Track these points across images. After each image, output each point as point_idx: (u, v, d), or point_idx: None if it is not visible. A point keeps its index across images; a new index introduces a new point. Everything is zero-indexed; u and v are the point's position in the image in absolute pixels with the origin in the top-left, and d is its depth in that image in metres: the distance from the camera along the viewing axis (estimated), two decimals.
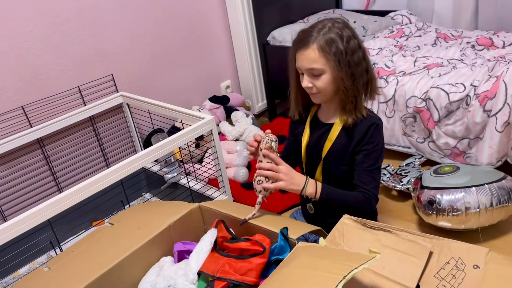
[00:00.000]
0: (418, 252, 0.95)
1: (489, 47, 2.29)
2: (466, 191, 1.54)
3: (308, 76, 1.21)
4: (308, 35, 1.17)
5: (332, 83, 1.19)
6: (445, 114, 1.93)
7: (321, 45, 1.15)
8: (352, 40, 1.17)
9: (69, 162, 2.03)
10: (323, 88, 1.20)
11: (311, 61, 1.17)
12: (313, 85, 1.21)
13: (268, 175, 1.16)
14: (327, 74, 1.18)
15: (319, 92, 1.22)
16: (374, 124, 1.23)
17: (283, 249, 1.01)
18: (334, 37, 1.16)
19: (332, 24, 1.18)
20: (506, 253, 1.53)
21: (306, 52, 1.17)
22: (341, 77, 1.17)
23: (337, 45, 1.15)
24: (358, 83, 1.19)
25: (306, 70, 1.20)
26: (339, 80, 1.18)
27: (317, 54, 1.15)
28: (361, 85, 1.21)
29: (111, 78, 2.12)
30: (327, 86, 1.20)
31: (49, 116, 1.92)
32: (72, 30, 1.95)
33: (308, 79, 1.21)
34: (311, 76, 1.20)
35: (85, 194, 1.39)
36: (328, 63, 1.16)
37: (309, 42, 1.16)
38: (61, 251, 1.26)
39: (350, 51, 1.16)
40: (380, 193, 2.02)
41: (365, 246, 0.99)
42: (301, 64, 1.20)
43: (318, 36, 1.16)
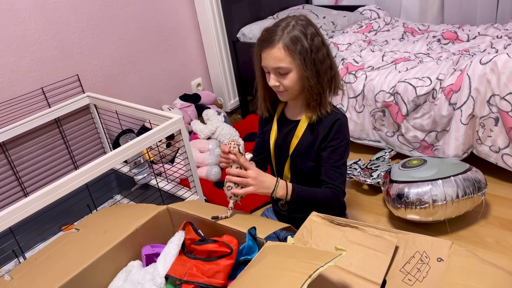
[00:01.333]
0: (384, 247, 0.96)
1: (454, 41, 2.34)
2: (433, 184, 1.57)
3: (274, 75, 1.20)
4: (272, 34, 1.17)
5: (298, 81, 1.20)
6: (413, 108, 1.96)
7: (286, 43, 1.14)
8: (316, 38, 1.18)
9: (35, 166, 1.97)
10: (290, 87, 1.21)
11: (277, 60, 1.16)
12: (280, 84, 1.21)
13: (237, 181, 1.16)
14: (293, 73, 1.18)
15: (286, 90, 1.22)
16: (337, 120, 1.24)
17: (251, 249, 1.00)
18: (298, 35, 1.15)
19: (295, 21, 1.18)
20: (474, 243, 1.59)
21: (272, 51, 1.16)
22: (306, 76, 1.17)
23: (302, 43, 1.15)
24: (323, 80, 1.20)
25: (273, 69, 1.19)
26: (304, 79, 1.18)
27: (283, 53, 1.15)
28: (326, 82, 1.22)
29: (76, 79, 2.06)
30: (294, 85, 1.20)
31: (12, 119, 1.86)
32: (33, 29, 1.89)
33: (274, 78, 1.21)
34: (278, 75, 1.20)
35: (51, 198, 1.34)
36: (294, 61, 1.16)
37: (274, 41, 1.15)
38: (25, 259, 1.23)
39: (315, 48, 1.17)
40: (351, 187, 2.05)
41: (333, 243, 1.00)
42: (267, 63, 1.19)
43: (283, 35, 1.15)
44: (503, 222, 1.67)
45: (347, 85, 2.16)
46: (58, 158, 2.06)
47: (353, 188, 2.04)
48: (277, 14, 2.82)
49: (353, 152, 2.31)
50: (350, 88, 2.15)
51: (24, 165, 1.93)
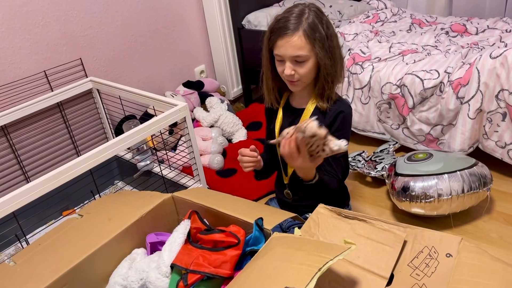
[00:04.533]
0: (393, 241, 0.95)
1: (462, 34, 2.31)
2: (438, 178, 1.56)
3: (291, 64, 1.18)
4: (289, 22, 1.15)
5: (314, 69, 1.19)
6: (420, 101, 1.94)
7: (306, 31, 1.13)
8: (330, 26, 1.18)
9: (36, 150, 1.95)
10: (305, 75, 1.20)
11: (297, 48, 1.15)
12: (296, 72, 1.19)
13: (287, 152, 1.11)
14: (310, 61, 1.17)
15: (299, 80, 1.21)
16: (341, 112, 1.24)
17: (258, 240, 0.99)
18: (316, 22, 1.15)
19: (309, 9, 1.17)
20: (477, 238, 1.58)
21: (292, 39, 1.14)
22: (324, 63, 1.17)
23: (320, 31, 1.14)
24: (337, 67, 1.21)
25: (290, 58, 1.17)
26: (322, 66, 1.18)
27: (303, 41, 1.14)
28: (339, 70, 1.22)
29: (79, 63, 2.03)
30: (309, 73, 1.20)
31: (13, 102, 1.83)
32: (37, 11, 1.85)
33: (291, 67, 1.18)
34: (294, 63, 1.18)
35: (54, 184, 1.33)
36: (313, 49, 1.15)
37: (294, 28, 1.14)
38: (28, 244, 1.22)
39: (330, 36, 1.17)
40: (355, 179, 2.04)
41: (340, 235, 0.99)
42: (285, 51, 1.17)
43: (301, 22, 1.14)
44: (507, 218, 1.67)
45: (353, 76, 2.14)
46: (59, 143, 2.04)
47: (356, 180, 2.03)
48: (283, 2, 2.78)
49: (357, 144, 2.30)
50: (356, 79, 2.13)
51: (25, 149, 1.92)
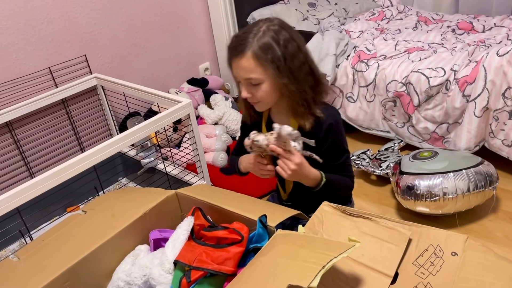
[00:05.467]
0: (397, 240, 0.95)
1: (469, 31, 2.29)
2: (444, 177, 1.55)
3: (246, 86, 1.10)
4: (241, 42, 1.06)
5: (273, 91, 1.10)
6: (425, 99, 1.93)
7: (255, 52, 1.04)
8: (290, 44, 1.06)
9: (41, 147, 1.96)
10: (263, 98, 1.11)
11: (246, 71, 1.07)
12: (252, 95, 1.11)
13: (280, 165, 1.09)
14: (266, 84, 1.08)
15: (260, 101, 1.13)
16: (330, 124, 1.15)
17: (261, 237, 0.99)
18: (269, 42, 1.05)
19: (267, 27, 1.07)
20: (482, 237, 1.57)
21: (241, 62, 1.06)
22: (284, 83, 1.07)
23: (274, 51, 1.04)
24: (303, 87, 1.10)
25: (243, 80, 1.10)
26: (282, 87, 1.09)
27: (252, 63, 1.05)
28: (308, 90, 1.11)
29: (84, 59, 2.03)
30: (267, 96, 1.11)
31: (18, 98, 1.84)
32: (41, 8, 1.85)
33: (246, 89, 1.11)
34: (249, 86, 1.10)
35: (58, 180, 1.34)
36: (266, 72, 1.06)
37: (243, 50, 1.05)
38: (32, 240, 1.22)
39: (289, 56, 1.06)
40: (359, 177, 2.03)
41: (344, 233, 0.98)
42: (237, 73, 1.10)
43: (252, 43, 1.05)
44: None
45: (359, 74, 2.13)
46: (64, 139, 2.04)
47: (361, 178, 2.02)
48: None
49: (362, 142, 2.29)
50: (362, 77, 2.12)
51: (30, 145, 1.92)
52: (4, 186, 1.86)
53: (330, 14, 2.64)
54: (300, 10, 2.65)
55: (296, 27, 2.50)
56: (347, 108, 2.23)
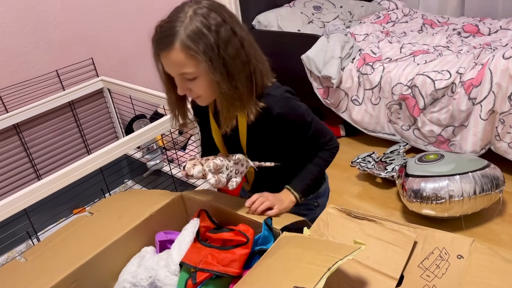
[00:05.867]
0: (403, 242, 0.95)
1: (475, 34, 2.29)
2: (450, 179, 1.54)
3: (181, 82, 0.97)
4: (167, 32, 0.92)
5: (210, 86, 0.97)
6: (431, 102, 1.93)
7: (184, 43, 0.90)
8: (223, 27, 0.92)
9: (48, 149, 1.97)
10: (203, 92, 0.99)
11: (178, 65, 0.93)
12: (190, 90, 0.98)
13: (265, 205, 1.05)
14: (201, 78, 0.95)
15: (201, 96, 1.00)
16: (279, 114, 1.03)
17: (267, 239, 0.99)
18: (199, 28, 0.90)
19: (193, 11, 0.92)
20: (488, 241, 1.56)
21: (170, 56, 0.92)
22: (217, 81, 0.93)
23: (206, 39, 0.90)
24: (239, 81, 0.96)
25: (177, 76, 0.96)
26: (215, 84, 0.95)
27: (183, 56, 0.91)
28: (244, 83, 0.97)
29: (91, 62, 2.05)
30: (206, 90, 0.98)
31: (26, 101, 1.85)
32: (50, 11, 1.87)
33: (182, 85, 0.97)
34: (185, 81, 0.96)
35: (65, 182, 1.35)
36: (199, 65, 0.92)
37: (171, 41, 0.91)
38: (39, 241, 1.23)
39: (222, 43, 0.92)
40: (365, 180, 2.03)
41: (350, 236, 0.98)
42: (168, 69, 0.96)
43: (180, 32, 0.90)
44: None
45: (364, 76, 2.13)
46: (70, 142, 2.06)
47: (366, 181, 2.02)
48: (293, 2, 2.78)
49: (367, 145, 2.29)
50: (367, 80, 2.12)
51: (37, 147, 1.94)
52: (11, 188, 1.87)
53: (335, 17, 2.64)
54: (306, 13, 2.65)
55: (301, 30, 2.50)
56: (352, 110, 2.23)
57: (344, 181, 2.06)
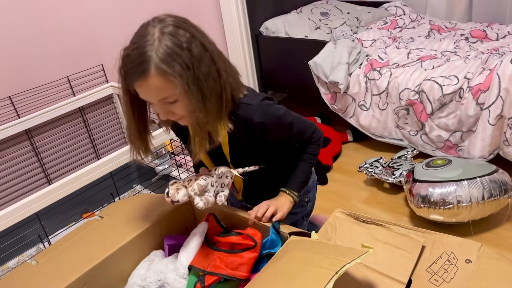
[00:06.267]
0: (411, 246, 0.95)
1: (482, 40, 2.29)
2: (458, 185, 1.54)
3: (162, 107, 0.92)
4: (138, 59, 0.87)
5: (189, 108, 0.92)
6: (438, 107, 1.93)
7: (160, 68, 0.85)
8: (193, 43, 0.89)
9: (58, 154, 2.00)
10: (185, 113, 0.94)
11: (158, 91, 0.88)
12: (173, 113, 0.94)
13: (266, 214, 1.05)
14: (181, 99, 0.90)
15: (184, 116, 0.95)
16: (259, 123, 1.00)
17: (274, 243, 1.00)
18: (170, 48, 0.86)
19: (160, 31, 0.88)
20: (498, 246, 1.55)
21: (147, 83, 0.87)
22: (193, 109, 0.90)
23: (179, 60, 0.86)
24: (211, 103, 0.92)
25: (157, 102, 0.92)
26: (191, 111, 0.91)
27: (162, 81, 0.86)
28: (215, 103, 0.93)
29: (101, 69, 2.08)
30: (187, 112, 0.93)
31: (37, 106, 1.89)
32: (62, 19, 1.91)
33: (164, 110, 0.93)
34: (166, 105, 0.92)
35: (75, 186, 1.37)
36: (176, 88, 0.87)
37: (145, 69, 0.85)
38: (50, 244, 1.25)
39: (196, 60, 0.88)
40: (372, 185, 2.02)
41: (357, 240, 0.99)
42: (147, 97, 0.92)
43: (152, 56, 0.85)
44: None
45: (371, 82, 2.13)
46: (80, 147, 2.09)
47: (374, 186, 2.02)
48: (300, 9, 2.80)
49: (375, 150, 2.29)
50: (374, 85, 2.12)
51: (48, 152, 1.96)
52: (23, 192, 1.90)
53: (342, 23, 2.66)
54: (313, 19, 2.67)
55: (308, 36, 2.52)
56: (360, 116, 2.23)
57: (351, 186, 2.06)
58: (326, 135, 2.35)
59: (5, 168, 1.84)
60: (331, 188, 2.09)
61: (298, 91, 2.65)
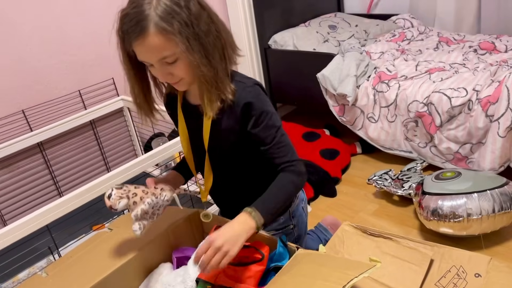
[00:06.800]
0: (419, 260, 0.94)
1: (491, 52, 2.28)
2: (468, 197, 1.53)
3: (161, 67, 0.92)
4: (137, 18, 0.86)
5: (189, 68, 0.92)
6: (447, 119, 1.92)
7: (159, 25, 0.85)
8: (191, 2, 0.88)
9: (69, 166, 2.03)
10: (184, 75, 0.95)
11: (157, 50, 0.88)
12: (172, 74, 0.94)
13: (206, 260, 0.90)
14: (181, 60, 0.91)
15: (183, 79, 0.96)
16: (246, 104, 0.97)
17: (282, 256, 1.00)
18: (169, 6, 0.86)
19: None
20: (509, 260, 1.53)
21: (146, 42, 0.87)
22: (196, 63, 0.89)
23: (179, 17, 0.86)
24: (214, 59, 0.92)
25: (157, 62, 0.91)
26: (194, 67, 0.91)
27: (161, 39, 0.87)
28: (218, 60, 0.93)
29: (111, 82, 2.12)
30: (187, 72, 0.94)
31: (49, 120, 1.92)
32: (73, 34, 1.95)
33: (162, 71, 0.93)
34: (165, 65, 0.92)
35: (85, 198, 1.39)
36: (176, 46, 0.87)
37: (144, 27, 0.86)
38: (60, 257, 1.26)
39: (194, 18, 0.88)
40: (381, 198, 2.01)
41: (365, 253, 0.98)
42: (146, 57, 0.91)
43: (151, 14, 0.85)
44: None
45: (379, 94, 2.14)
46: (91, 159, 2.11)
47: (383, 199, 2.01)
48: (309, 22, 2.82)
49: (384, 162, 2.28)
50: (383, 97, 2.12)
51: (59, 165, 1.99)
52: (34, 204, 1.92)
53: (350, 36, 2.67)
54: (321, 33, 2.69)
55: (316, 49, 2.53)
56: (368, 128, 2.23)
57: (360, 199, 2.05)
58: (335, 147, 2.35)
59: (18, 180, 1.87)
60: (340, 200, 2.08)
61: (307, 104, 2.66)
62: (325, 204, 2.07)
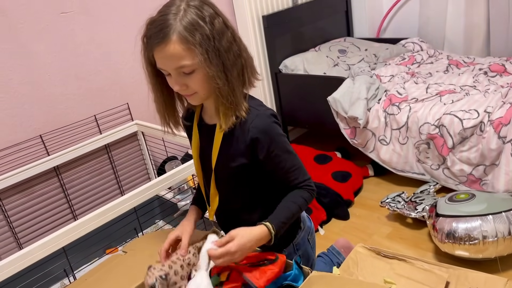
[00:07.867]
0: (434, 282, 0.94)
1: (502, 74, 2.29)
2: (483, 219, 1.51)
3: (177, 77, 0.95)
4: (162, 26, 0.90)
5: (206, 81, 0.95)
6: (459, 141, 1.92)
7: (182, 35, 0.89)
8: (216, 19, 0.93)
9: (84, 190, 2.06)
10: (199, 88, 0.96)
11: (175, 58, 0.91)
12: (187, 86, 0.96)
13: None
14: (200, 70, 0.93)
15: (196, 93, 0.98)
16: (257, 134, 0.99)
17: (297, 277, 1.00)
18: (194, 19, 0.90)
19: (186, 4, 0.92)
20: None
21: (167, 49, 0.90)
22: (212, 75, 0.92)
23: (201, 30, 0.90)
24: (232, 75, 0.95)
25: (174, 70, 0.94)
26: (211, 79, 0.93)
27: (181, 48, 0.90)
28: (236, 77, 0.96)
29: (126, 107, 2.16)
30: (202, 85, 0.96)
31: (66, 144, 1.96)
32: (90, 61, 2.01)
33: (178, 81, 0.95)
34: (181, 76, 0.94)
35: (99, 221, 1.40)
36: (196, 57, 0.91)
37: (167, 34, 0.89)
38: (74, 279, 1.27)
39: (217, 34, 0.92)
40: (395, 220, 2.00)
41: (380, 275, 0.98)
42: (164, 64, 0.94)
43: (175, 24, 0.89)
44: None
45: (390, 117, 2.15)
46: (105, 183, 2.14)
47: (396, 221, 1.99)
48: (319, 47, 2.87)
49: (396, 185, 2.27)
50: (394, 120, 2.13)
51: (74, 188, 2.02)
52: (50, 228, 1.95)
53: (360, 59, 2.71)
54: (331, 57, 2.73)
55: (327, 73, 2.57)
56: (380, 150, 2.23)
57: (374, 222, 2.04)
58: (347, 170, 2.35)
59: (34, 204, 1.90)
60: (353, 223, 2.07)
61: (318, 127, 2.68)
62: (338, 227, 2.06)
